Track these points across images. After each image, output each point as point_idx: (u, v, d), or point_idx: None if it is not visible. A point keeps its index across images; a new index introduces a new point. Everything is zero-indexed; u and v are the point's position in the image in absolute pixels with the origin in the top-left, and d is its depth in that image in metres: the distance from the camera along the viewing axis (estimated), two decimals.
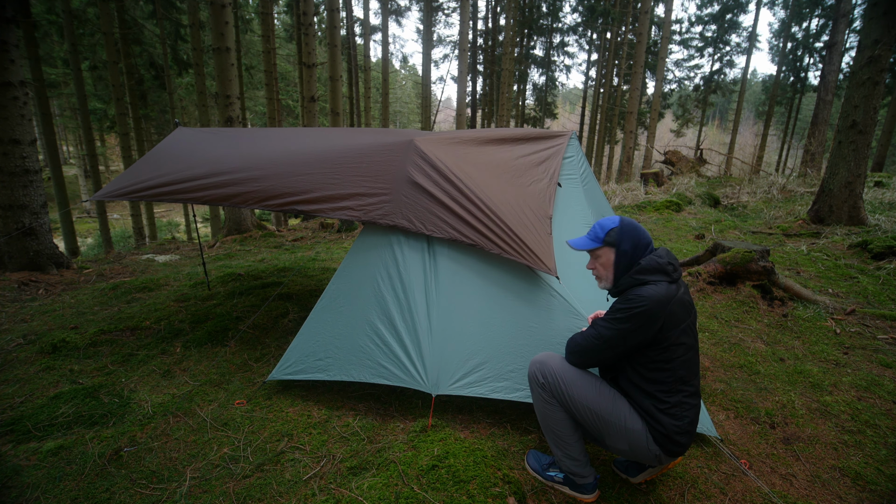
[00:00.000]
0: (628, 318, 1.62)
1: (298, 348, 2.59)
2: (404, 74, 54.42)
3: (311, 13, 9.91)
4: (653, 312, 1.59)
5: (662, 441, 1.65)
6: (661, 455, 1.67)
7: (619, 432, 1.69)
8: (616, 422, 1.69)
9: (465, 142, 2.90)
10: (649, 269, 1.69)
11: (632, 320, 1.61)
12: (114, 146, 29.00)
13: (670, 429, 1.64)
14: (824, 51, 17.14)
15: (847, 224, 6.26)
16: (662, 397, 1.65)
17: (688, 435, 1.67)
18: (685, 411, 1.66)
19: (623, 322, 1.63)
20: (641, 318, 1.60)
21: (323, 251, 6.93)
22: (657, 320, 1.60)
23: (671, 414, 1.64)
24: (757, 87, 39.74)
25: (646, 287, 1.64)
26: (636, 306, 1.61)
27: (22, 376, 2.84)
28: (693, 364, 1.70)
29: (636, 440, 1.67)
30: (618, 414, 1.69)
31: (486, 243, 2.35)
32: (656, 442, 1.66)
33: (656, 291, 1.62)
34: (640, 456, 1.71)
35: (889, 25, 5.71)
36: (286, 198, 2.65)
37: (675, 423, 1.64)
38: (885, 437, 2.27)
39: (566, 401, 1.75)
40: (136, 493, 1.87)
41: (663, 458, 1.69)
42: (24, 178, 4.86)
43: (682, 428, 1.65)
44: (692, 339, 1.70)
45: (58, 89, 18.11)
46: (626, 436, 1.68)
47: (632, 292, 1.66)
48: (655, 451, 1.66)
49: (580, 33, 25.05)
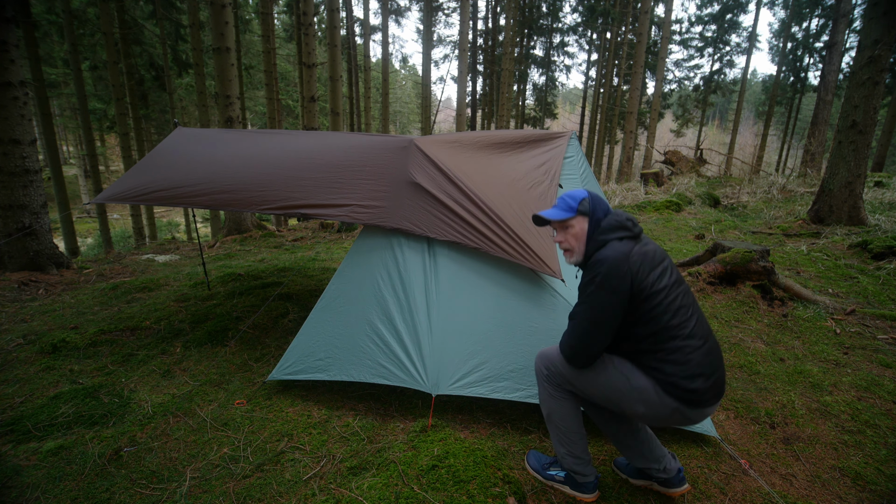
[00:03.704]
0: (598, 286, 1.57)
1: (298, 348, 2.59)
2: (404, 74, 54.42)
3: (311, 13, 9.91)
4: (617, 269, 1.54)
5: (672, 390, 1.56)
6: (681, 408, 1.57)
7: (630, 395, 1.62)
8: (623, 386, 1.63)
9: (465, 143, 2.90)
10: (609, 228, 1.66)
11: (602, 287, 1.56)
12: (114, 146, 29.00)
13: (675, 375, 1.56)
14: (824, 51, 17.15)
15: (847, 224, 6.26)
16: (658, 347, 1.59)
17: (701, 378, 1.56)
18: (687, 354, 1.57)
19: (595, 294, 1.58)
20: (609, 279, 1.55)
21: (323, 251, 6.93)
22: (625, 276, 1.55)
23: (672, 361, 1.57)
24: (757, 87, 39.74)
25: (605, 248, 1.61)
26: (599, 271, 1.57)
27: (22, 376, 2.84)
28: (683, 307, 1.61)
29: (647, 397, 1.60)
30: (623, 377, 1.64)
31: (490, 246, 2.34)
32: (667, 393, 1.57)
33: (615, 249, 1.59)
34: (661, 416, 1.61)
35: (889, 25, 5.71)
36: (288, 201, 2.65)
37: (679, 368, 1.56)
38: (885, 437, 2.27)
39: (572, 386, 1.71)
40: (136, 493, 1.87)
41: (687, 413, 1.59)
42: (24, 178, 4.86)
43: (689, 371, 1.55)
44: (672, 279, 1.62)
45: (58, 89, 18.12)
46: (638, 396, 1.61)
47: (592, 260, 1.63)
48: (671, 404, 1.57)
49: (580, 33, 25.06)
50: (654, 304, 1.56)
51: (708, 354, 1.60)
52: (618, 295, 1.55)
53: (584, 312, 1.62)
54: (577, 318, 1.65)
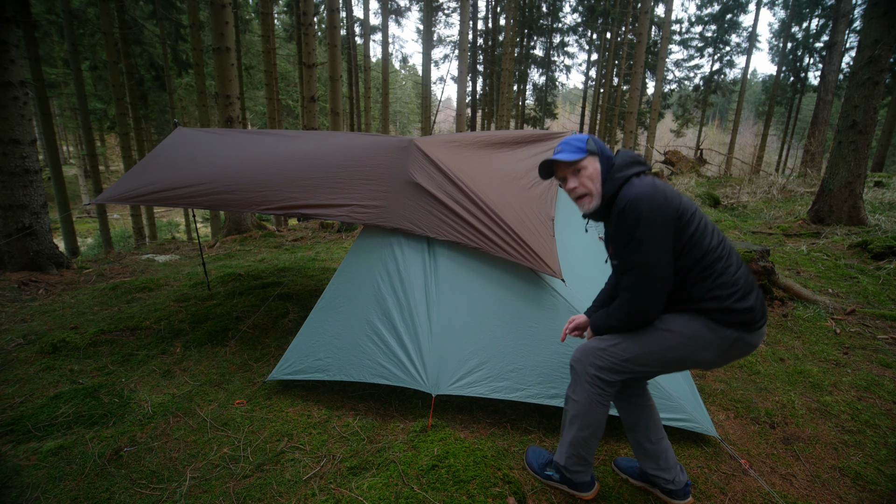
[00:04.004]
0: (645, 225, 1.45)
1: (298, 348, 2.59)
2: (404, 74, 54.43)
3: (311, 13, 9.91)
4: (656, 200, 1.46)
5: (728, 317, 1.49)
6: (741, 336, 1.52)
7: (689, 346, 1.55)
8: (677, 341, 1.55)
9: (465, 143, 2.90)
10: (625, 164, 1.58)
11: (650, 224, 1.45)
12: (114, 146, 29.00)
13: (729, 298, 1.49)
14: (824, 51, 17.15)
15: (847, 224, 6.26)
16: (706, 273, 1.50)
17: (752, 295, 1.51)
18: (733, 275, 1.51)
19: (646, 234, 1.45)
20: (653, 214, 1.45)
21: (323, 251, 6.93)
22: (665, 206, 1.47)
23: (721, 284, 1.50)
24: (757, 87, 39.74)
25: (628, 186, 1.52)
26: (639, 209, 1.46)
27: (22, 376, 2.84)
28: (713, 230, 1.56)
29: (705, 339, 1.52)
30: (673, 333, 1.55)
31: (490, 246, 2.34)
32: (723, 325, 1.50)
33: (643, 183, 1.50)
34: (725, 353, 1.55)
35: (889, 25, 5.71)
36: (288, 202, 2.65)
37: (730, 290, 1.50)
38: (885, 437, 2.27)
39: (630, 366, 1.61)
40: (136, 493, 1.87)
41: (748, 338, 1.53)
42: (24, 178, 4.86)
43: (740, 291, 1.50)
44: (694, 204, 1.57)
45: (58, 89, 18.11)
46: (696, 343, 1.54)
47: (621, 201, 1.51)
48: (731, 335, 1.51)
49: (580, 33, 25.07)
50: (693, 229, 1.50)
51: (747, 272, 1.57)
52: (667, 227, 1.47)
53: (640, 258, 1.48)
54: (635, 268, 1.50)
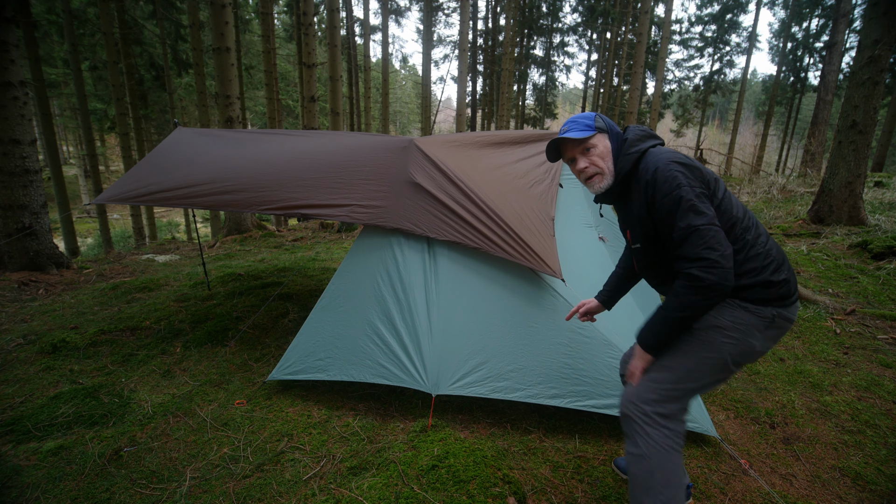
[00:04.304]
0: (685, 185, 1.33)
1: (298, 348, 2.59)
2: (404, 74, 54.43)
3: (311, 13, 9.91)
4: (684, 163, 1.37)
5: (764, 293, 1.38)
6: (780, 312, 1.40)
7: (736, 337, 1.39)
8: (724, 338, 1.40)
9: (465, 143, 2.90)
10: (638, 138, 1.50)
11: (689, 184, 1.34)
12: (114, 146, 28.99)
13: (765, 270, 1.38)
14: (824, 51, 17.15)
15: (847, 224, 6.26)
16: (739, 245, 1.39)
17: (784, 266, 1.42)
18: (764, 245, 1.41)
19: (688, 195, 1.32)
20: (687, 175, 1.35)
21: (323, 251, 6.93)
22: (695, 167, 1.38)
23: (755, 256, 1.39)
24: (757, 87, 39.74)
25: (648, 157, 1.43)
26: (672, 175, 1.35)
27: (22, 376, 2.84)
28: (737, 201, 1.46)
29: (747, 324, 1.39)
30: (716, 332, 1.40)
31: (490, 246, 2.34)
32: (760, 303, 1.38)
33: (663, 152, 1.43)
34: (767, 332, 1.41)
35: (889, 25, 5.70)
36: (288, 202, 2.65)
37: (764, 262, 1.39)
38: (885, 437, 2.27)
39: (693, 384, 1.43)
40: (136, 493, 1.87)
41: (786, 313, 1.41)
42: (24, 178, 4.86)
43: (773, 262, 1.39)
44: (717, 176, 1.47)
45: (58, 89, 18.11)
46: (742, 334, 1.39)
47: (649, 172, 1.40)
48: (769, 312, 1.39)
49: (580, 33, 25.07)
50: (721, 196, 1.41)
51: (775, 242, 1.47)
52: (705, 183, 1.37)
53: (697, 217, 1.31)
54: (694, 231, 1.31)
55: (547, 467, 2.04)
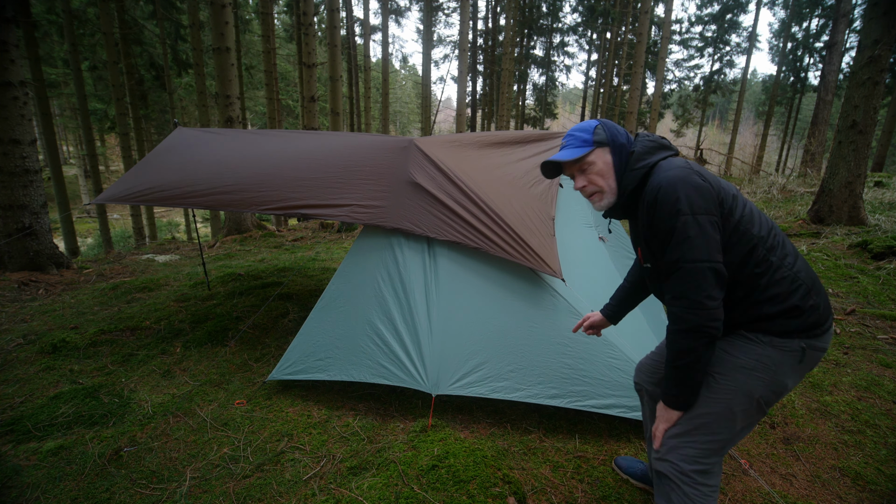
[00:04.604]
0: (687, 212, 1.20)
1: (298, 348, 2.59)
2: (404, 74, 54.43)
3: (311, 13, 9.91)
4: (694, 182, 1.23)
5: (792, 324, 1.25)
6: (810, 343, 1.27)
7: (766, 376, 1.28)
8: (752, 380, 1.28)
9: (465, 143, 2.90)
10: (647, 151, 1.35)
11: (693, 210, 1.20)
12: (114, 146, 28.98)
13: (792, 296, 1.24)
14: (824, 51, 17.16)
15: (847, 224, 6.26)
16: (762, 269, 1.26)
17: (814, 290, 1.27)
18: (791, 267, 1.27)
19: (688, 223, 1.20)
20: (693, 197, 1.21)
21: (323, 251, 6.93)
22: (705, 188, 1.23)
23: (780, 280, 1.25)
24: (757, 87, 39.74)
25: (657, 172, 1.29)
26: (676, 196, 1.21)
27: (22, 376, 2.84)
28: (760, 216, 1.32)
29: (773, 361, 1.27)
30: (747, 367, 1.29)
31: (490, 246, 2.34)
32: (788, 336, 1.26)
33: (674, 166, 1.27)
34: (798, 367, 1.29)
35: (889, 25, 5.70)
36: (288, 202, 2.65)
37: (792, 286, 1.25)
38: (885, 437, 2.27)
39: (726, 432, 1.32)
40: (136, 493, 1.87)
41: (817, 343, 1.28)
42: (24, 178, 4.86)
43: (802, 286, 1.26)
44: (734, 188, 1.34)
45: (58, 89, 18.10)
46: (772, 373, 1.27)
47: (652, 192, 1.27)
48: (797, 345, 1.26)
49: (580, 33, 25.08)
50: (739, 216, 1.27)
51: (804, 262, 1.32)
52: (711, 212, 1.23)
53: (687, 251, 1.21)
54: (681, 266, 1.22)
55: (547, 467, 2.04)
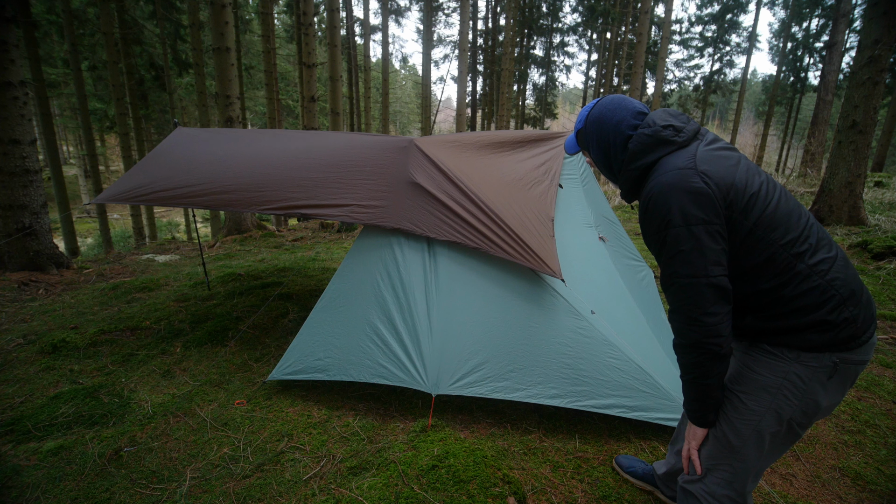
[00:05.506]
0: (679, 224, 1.11)
1: (298, 348, 2.59)
2: (404, 74, 54.43)
3: (311, 13, 9.91)
4: (686, 191, 1.11)
5: (821, 338, 1.13)
6: (844, 357, 1.14)
7: (795, 397, 1.17)
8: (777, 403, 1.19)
9: (465, 144, 2.90)
10: (644, 148, 1.23)
11: (684, 223, 1.11)
12: (114, 146, 28.98)
13: (821, 308, 1.12)
14: (824, 51, 17.16)
15: (847, 224, 6.26)
16: (786, 278, 1.14)
17: (851, 301, 1.13)
18: (826, 275, 1.13)
19: (678, 238, 1.12)
20: (685, 209, 1.10)
21: (323, 251, 6.93)
22: (703, 193, 1.11)
23: (809, 291, 1.12)
24: (757, 87, 39.75)
25: (658, 169, 1.19)
26: (667, 208, 1.12)
27: (22, 376, 2.84)
28: (793, 213, 1.17)
29: (801, 378, 1.15)
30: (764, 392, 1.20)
31: (490, 246, 2.34)
32: (817, 350, 1.14)
33: (675, 161, 1.16)
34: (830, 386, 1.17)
35: (889, 25, 5.70)
36: (288, 202, 2.65)
37: (822, 297, 1.12)
38: (885, 437, 2.27)
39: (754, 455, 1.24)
40: (136, 493, 1.87)
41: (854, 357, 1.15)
42: (24, 178, 4.86)
43: (836, 295, 1.12)
44: (763, 178, 1.19)
45: (58, 89, 18.10)
46: (802, 393, 1.16)
47: (645, 200, 1.19)
48: (828, 360, 1.14)
49: (580, 33, 25.08)
50: (756, 217, 1.14)
51: (846, 265, 1.17)
52: (710, 221, 1.12)
53: (681, 266, 1.13)
54: (676, 282, 1.15)
55: (547, 467, 2.04)
